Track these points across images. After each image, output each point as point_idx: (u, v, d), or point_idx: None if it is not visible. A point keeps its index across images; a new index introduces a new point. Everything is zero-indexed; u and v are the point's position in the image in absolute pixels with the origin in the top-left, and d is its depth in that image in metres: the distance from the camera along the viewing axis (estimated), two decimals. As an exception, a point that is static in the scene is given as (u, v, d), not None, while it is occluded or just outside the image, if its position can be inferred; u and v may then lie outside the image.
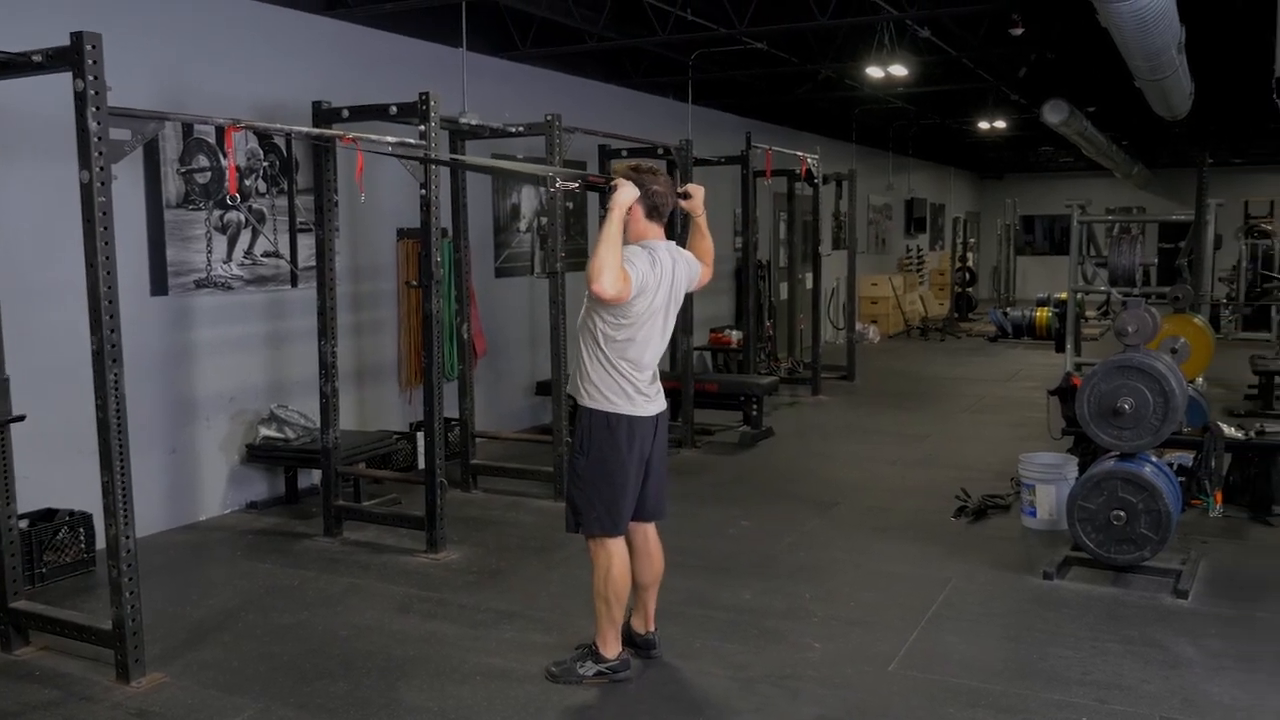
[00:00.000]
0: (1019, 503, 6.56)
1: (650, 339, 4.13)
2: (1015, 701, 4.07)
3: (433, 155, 5.69)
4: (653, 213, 4.18)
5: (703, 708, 4.09)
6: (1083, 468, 6.13)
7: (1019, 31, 9.28)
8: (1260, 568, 5.67)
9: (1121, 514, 5.27)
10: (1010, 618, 4.99)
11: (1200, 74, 10.34)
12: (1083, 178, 23.42)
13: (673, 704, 4.13)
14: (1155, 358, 5.56)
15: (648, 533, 4.37)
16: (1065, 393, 7.29)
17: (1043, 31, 9.73)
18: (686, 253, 4.38)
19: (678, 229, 6.80)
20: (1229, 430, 6.58)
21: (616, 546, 4.19)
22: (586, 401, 4.14)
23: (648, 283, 4.02)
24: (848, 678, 4.31)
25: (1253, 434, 6.64)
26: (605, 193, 4.10)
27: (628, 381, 4.09)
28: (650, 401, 4.17)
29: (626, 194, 4.02)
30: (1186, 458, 6.48)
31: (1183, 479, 6.15)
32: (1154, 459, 5.68)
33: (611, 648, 4.25)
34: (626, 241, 4.10)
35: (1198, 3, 8.10)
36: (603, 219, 4.05)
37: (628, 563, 4.23)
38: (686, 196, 4.42)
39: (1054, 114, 12.22)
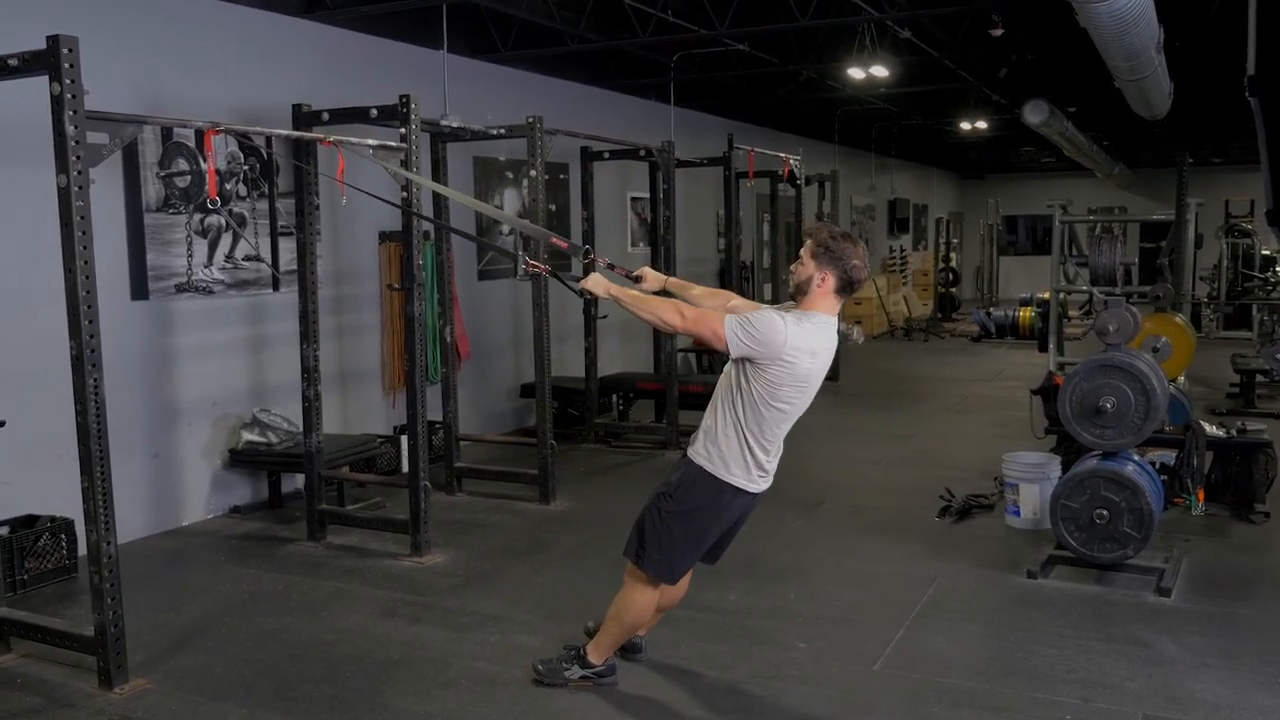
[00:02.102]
0: (1003, 502, 6.57)
1: (791, 415, 3.88)
2: (1000, 700, 4.08)
3: (415, 174, 5.64)
4: (844, 287, 3.81)
5: (688, 709, 4.08)
6: (1066, 467, 6.15)
7: (999, 32, 9.32)
8: (1242, 565, 5.70)
9: (1104, 513, 5.29)
10: (994, 616, 5.00)
11: (1180, 74, 10.40)
12: (1064, 178, 23.52)
13: (657, 706, 4.12)
14: (1136, 357, 5.58)
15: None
16: (1048, 392, 7.32)
17: (1022, 32, 9.77)
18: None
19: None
20: (1211, 428, 6.62)
21: (658, 588, 4.12)
22: (703, 462, 3.90)
23: (773, 344, 3.70)
24: (832, 677, 4.31)
25: (1234, 432, 6.68)
26: (579, 294, 4.05)
27: (754, 458, 3.87)
28: (765, 478, 3.96)
29: (602, 288, 3.96)
30: (1169, 456, 6.51)
31: (1165, 477, 6.18)
32: (1136, 458, 5.70)
33: (602, 657, 4.23)
34: (797, 307, 3.86)
35: (1176, 3, 8.14)
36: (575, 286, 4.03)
37: (656, 603, 4.17)
38: (640, 280, 4.23)
39: (1034, 114, 12.27)
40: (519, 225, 4.77)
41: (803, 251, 3.87)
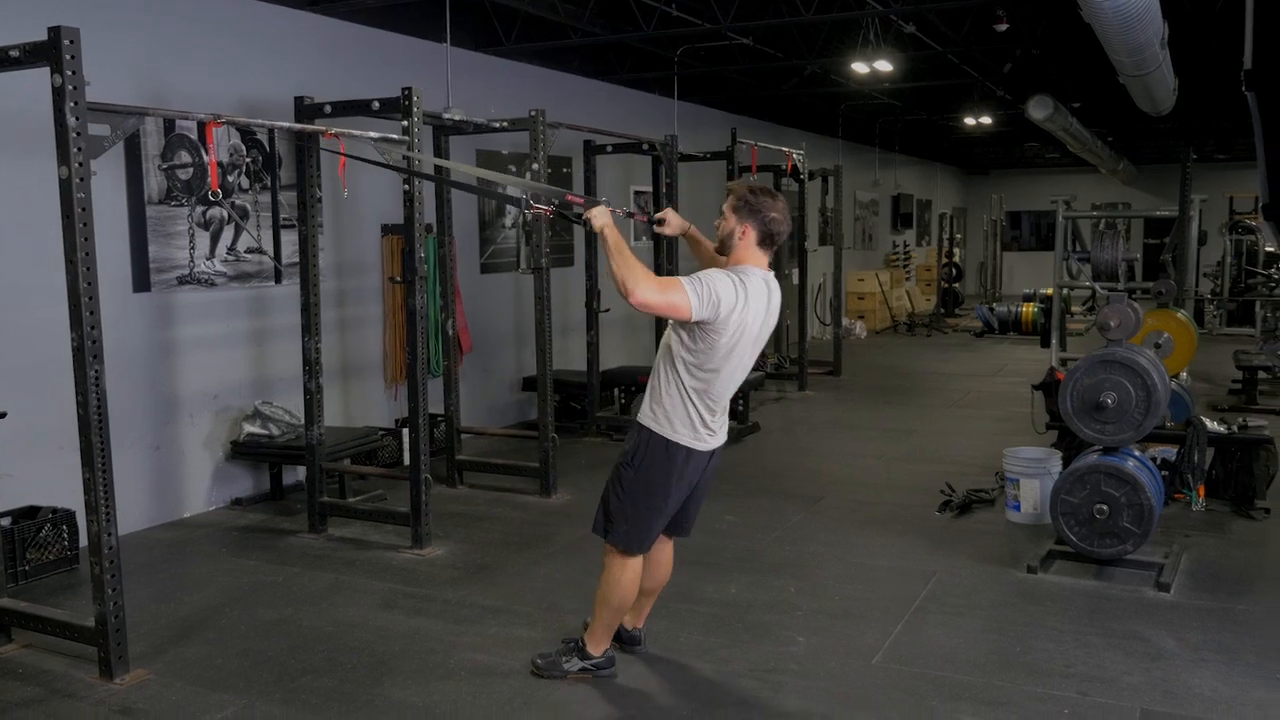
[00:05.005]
0: (1003, 497, 6.57)
1: (735, 373, 3.92)
2: (998, 694, 4.09)
3: (416, 152, 5.66)
4: (765, 240, 3.87)
5: (686, 702, 4.09)
6: (1066, 462, 6.16)
7: (1004, 27, 9.32)
8: (1242, 561, 5.69)
9: (1104, 508, 5.29)
10: (994, 611, 5.00)
11: (1184, 70, 10.38)
12: (1068, 173, 23.49)
13: (655, 699, 4.13)
14: (1138, 352, 5.58)
15: (666, 544, 4.32)
16: (1049, 387, 7.32)
17: (1027, 27, 9.76)
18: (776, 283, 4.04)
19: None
20: (1212, 425, 6.62)
21: (634, 561, 4.12)
22: (651, 424, 3.94)
23: (726, 305, 3.72)
24: (831, 671, 4.32)
25: (1235, 428, 6.68)
26: (580, 223, 3.97)
27: (700, 416, 3.90)
28: (714, 436, 4.00)
29: (601, 221, 3.86)
30: (1170, 452, 6.51)
31: (1166, 473, 6.18)
32: (1137, 453, 5.70)
33: (600, 647, 4.24)
34: (727, 263, 3.90)
35: (1180, -2, 8.14)
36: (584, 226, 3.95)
37: (639, 578, 4.17)
38: (661, 223, 4.20)
39: (1039, 110, 12.25)
40: (530, 187, 4.78)
41: (724, 206, 3.92)
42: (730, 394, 3.99)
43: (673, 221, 4.21)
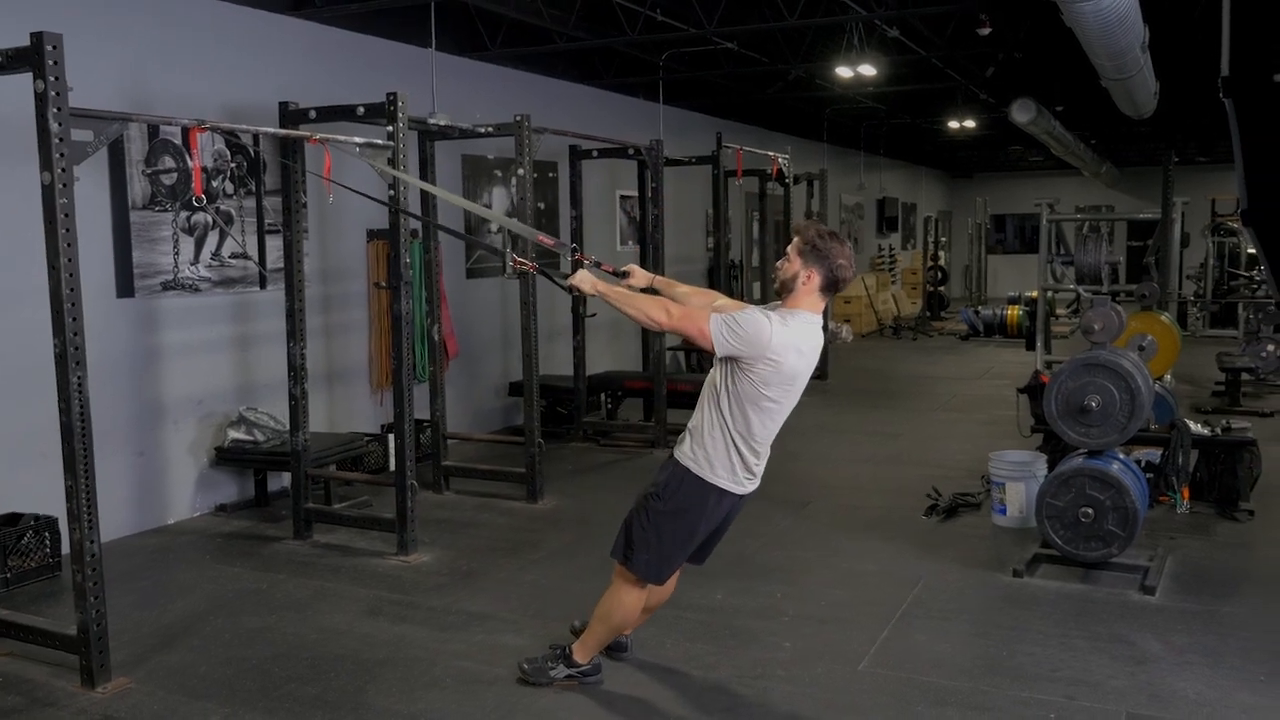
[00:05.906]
0: (989, 500, 6.59)
1: (779, 415, 3.87)
2: (984, 699, 4.09)
3: (401, 163, 5.63)
4: (829, 286, 3.79)
5: (673, 709, 4.08)
6: (1052, 465, 6.17)
7: (986, 31, 9.34)
8: (1226, 563, 5.71)
9: (1089, 511, 5.31)
10: (980, 615, 5.01)
11: (1165, 73, 10.44)
12: (1052, 177, 23.58)
13: (642, 706, 4.12)
14: (1121, 355, 5.60)
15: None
16: (1034, 391, 7.35)
17: (1010, 31, 9.80)
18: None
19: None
20: (1196, 427, 6.64)
21: (645, 588, 4.11)
22: (690, 463, 3.87)
23: (756, 344, 3.68)
24: (818, 677, 4.32)
25: (1219, 430, 6.70)
26: (566, 289, 4.01)
27: (742, 460, 3.85)
28: (752, 480, 3.94)
29: (589, 284, 3.92)
30: (1154, 454, 6.53)
31: (1150, 476, 6.19)
32: (1121, 456, 5.71)
33: (588, 657, 4.23)
34: (783, 305, 3.86)
35: (1161, 3, 8.17)
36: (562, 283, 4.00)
37: (644, 601, 4.15)
38: (627, 275, 4.18)
39: (1022, 113, 12.29)
40: (506, 224, 4.76)
41: (790, 248, 3.85)
42: (773, 437, 3.93)
43: (639, 274, 4.20)
